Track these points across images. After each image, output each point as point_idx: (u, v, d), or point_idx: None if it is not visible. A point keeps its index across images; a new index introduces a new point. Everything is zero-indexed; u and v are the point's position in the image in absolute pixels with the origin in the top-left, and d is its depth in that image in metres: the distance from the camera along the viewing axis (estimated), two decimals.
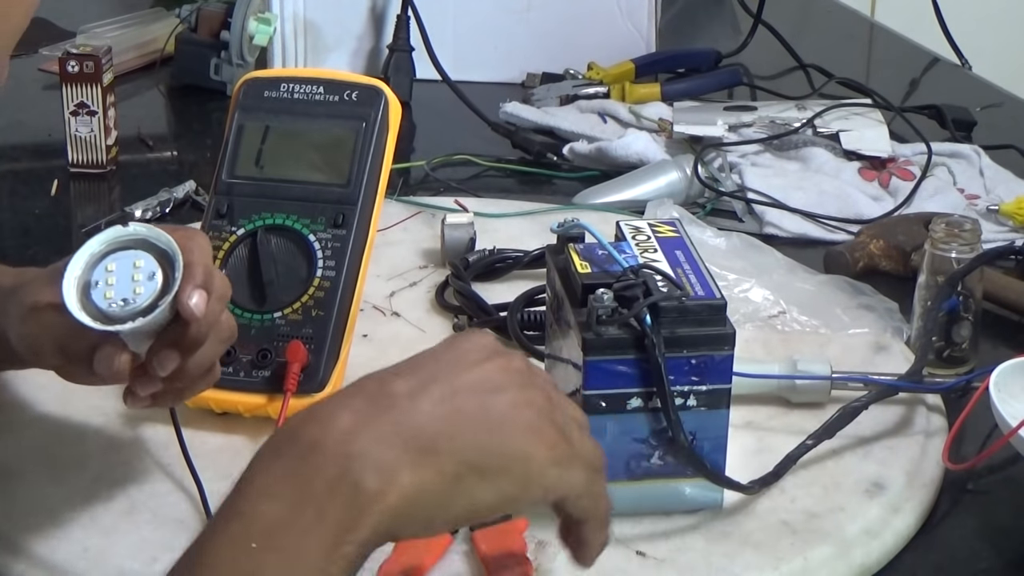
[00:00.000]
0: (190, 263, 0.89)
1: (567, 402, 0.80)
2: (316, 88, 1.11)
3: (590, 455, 0.78)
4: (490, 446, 0.74)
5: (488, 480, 0.73)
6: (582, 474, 0.77)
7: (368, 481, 0.70)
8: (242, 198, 1.10)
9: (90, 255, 0.88)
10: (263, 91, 1.12)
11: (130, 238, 0.89)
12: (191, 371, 0.92)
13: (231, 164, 1.11)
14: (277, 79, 1.12)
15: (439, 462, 0.72)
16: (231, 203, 1.10)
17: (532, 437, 0.75)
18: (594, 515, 0.78)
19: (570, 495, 0.76)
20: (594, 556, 0.80)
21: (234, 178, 1.10)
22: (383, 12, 1.81)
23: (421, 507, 0.72)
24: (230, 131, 1.11)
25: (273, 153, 1.11)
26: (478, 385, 0.75)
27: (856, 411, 1.05)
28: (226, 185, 1.10)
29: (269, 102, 1.11)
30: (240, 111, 1.12)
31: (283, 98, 1.11)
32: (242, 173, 1.10)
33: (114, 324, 0.87)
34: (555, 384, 0.80)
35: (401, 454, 0.71)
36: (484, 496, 0.74)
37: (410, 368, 0.76)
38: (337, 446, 0.71)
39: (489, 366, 0.76)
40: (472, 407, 0.74)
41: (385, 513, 0.71)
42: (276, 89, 1.12)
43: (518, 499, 0.75)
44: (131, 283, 0.87)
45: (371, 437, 0.71)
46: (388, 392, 0.74)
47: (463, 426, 0.73)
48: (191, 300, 0.88)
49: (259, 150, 1.11)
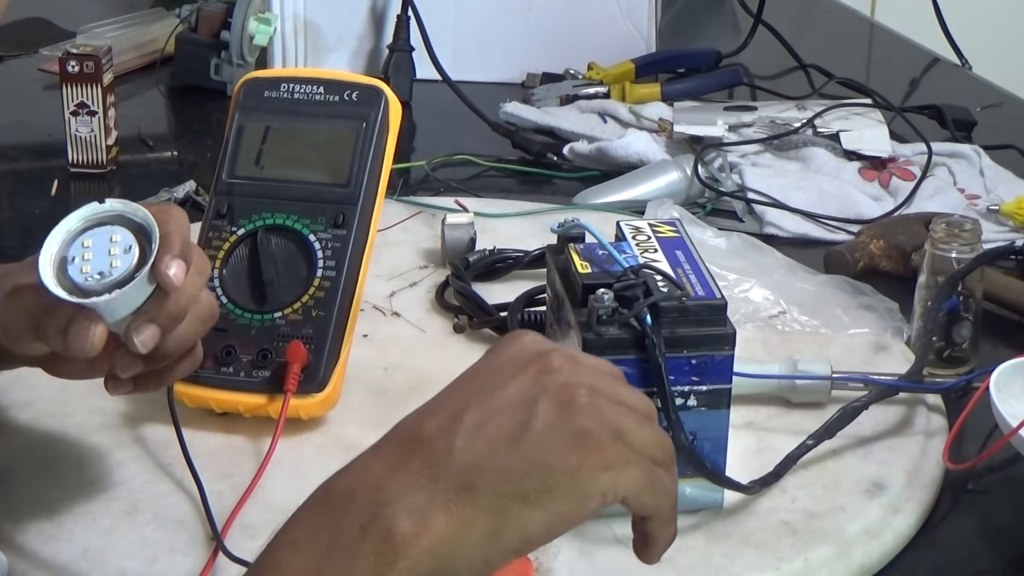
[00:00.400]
0: (167, 234, 0.87)
1: (624, 391, 0.74)
2: (316, 88, 1.11)
3: (649, 447, 0.73)
4: (528, 468, 0.69)
5: (534, 505, 0.70)
6: (638, 471, 0.72)
7: (400, 526, 0.68)
8: (242, 198, 1.10)
9: (67, 232, 0.88)
10: (263, 91, 1.12)
11: (107, 214, 0.88)
12: (171, 350, 0.91)
13: (231, 164, 1.10)
14: (277, 79, 1.12)
15: (475, 498, 0.69)
16: (231, 203, 1.09)
17: (575, 445, 0.70)
18: (658, 512, 0.74)
19: (629, 495, 0.72)
20: (659, 553, 0.76)
21: (234, 178, 1.10)
22: (383, 12, 1.81)
23: (464, 546, 0.69)
24: (230, 131, 1.11)
25: (273, 153, 1.11)
26: (512, 403, 0.71)
27: (856, 411, 1.05)
28: (226, 185, 1.10)
29: (269, 102, 1.11)
30: (240, 111, 1.12)
31: (283, 98, 1.11)
32: (242, 173, 1.10)
33: (90, 297, 0.86)
34: (610, 371, 0.75)
35: (433, 496, 0.69)
36: (534, 521, 0.70)
37: (443, 401, 0.73)
38: (368, 494, 0.70)
39: (524, 377, 0.72)
40: (506, 430, 0.70)
41: (420, 556, 0.68)
42: (276, 89, 1.11)
43: (573, 515, 0.71)
44: (107, 257, 0.87)
45: (402, 482, 0.69)
46: (419, 435, 0.71)
47: (497, 454, 0.70)
48: (169, 270, 0.86)
49: (259, 150, 1.10)
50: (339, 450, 1.04)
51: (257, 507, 0.98)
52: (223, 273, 1.08)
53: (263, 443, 1.04)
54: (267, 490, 0.99)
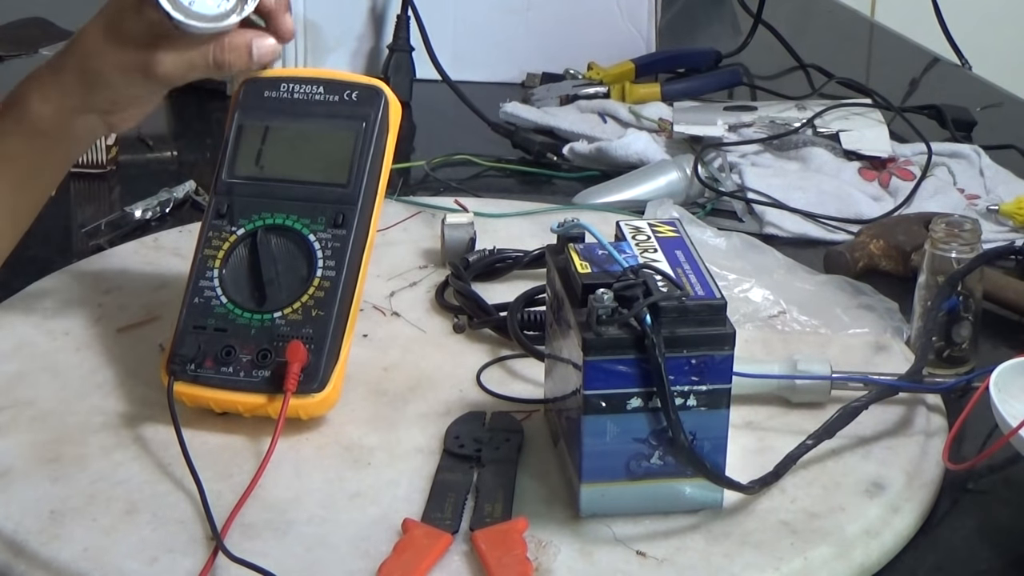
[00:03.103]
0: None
1: None
2: (316, 88, 1.11)
3: None
4: None
5: None
6: None
7: None
8: (242, 198, 1.10)
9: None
10: (263, 91, 1.12)
11: None
12: None
13: (231, 164, 1.11)
14: (277, 79, 1.12)
15: None
16: (231, 203, 1.09)
17: None
18: None
19: None
20: None
21: (234, 178, 1.10)
22: (383, 12, 1.81)
23: None
24: (230, 131, 1.11)
25: (273, 153, 1.11)
26: None
27: (856, 411, 1.05)
28: (226, 185, 1.10)
29: (269, 102, 1.11)
30: (240, 111, 1.12)
31: (283, 98, 1.11)
32: (242, 173, 1.10)
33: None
34: None
35: None
36: None
37: None
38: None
39: None
40: None
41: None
42: (276, 89, 1.11)
43: None
44: None
45: None
46: None
47: None
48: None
49: (259, 150, 1.11)
50: (339, 450, 1.04)
51: (257, 507, 0.98)
52: (223, 273, 1.08)
53: (263, 443, 1.04)
54: (267, 490, 0.99)
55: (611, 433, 0.94)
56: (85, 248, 1.37)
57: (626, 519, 0.96)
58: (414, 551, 0.92)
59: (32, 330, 1.19)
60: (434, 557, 0.93)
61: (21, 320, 1.21)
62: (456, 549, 0.94)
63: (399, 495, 0.99)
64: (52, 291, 1.25)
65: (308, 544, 0.95)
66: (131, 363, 1.15)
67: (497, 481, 1.00)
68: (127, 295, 1.25)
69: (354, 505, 0.99)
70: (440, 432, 1.05)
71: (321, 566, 0.93)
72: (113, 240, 1.38)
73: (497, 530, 0.94)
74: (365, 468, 1.03)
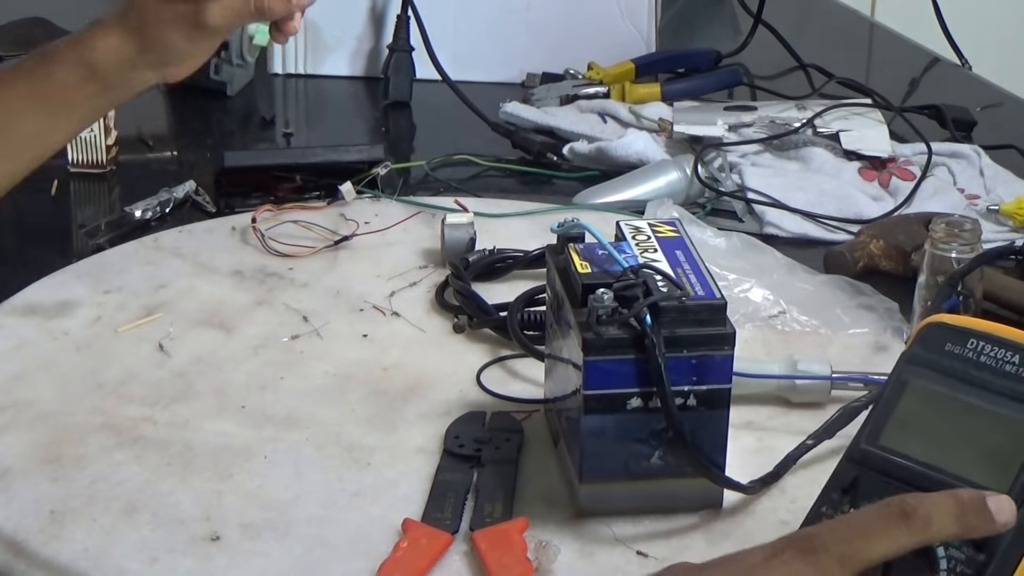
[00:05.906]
0: None
1: None
2: (1010, 355, 0.81)
3: None
4: None
5: None
6: None
7: None
8: (872, 472, 0.80)
9: None
10: (945, 342, 0.83)
11: None
12: None
13: (875, 428, 0.82)
14: (966, 332, 0.83)
15: None
16: (859, 477, 0.81)
17: None
18: None
19: None
20: None
21: (874, 447, 0.81)
22: (383, 12, 1.81)
23: None
24: (888, 384, 0.84)
25: (927, 428, 0.82)
26: None
27: (856, 411, 1.05)
28: (861, 453, 0.82)
29: (947, 358, 0.83)
30: (909, 363, 0.84)
31: (966, 357, 0.82)
32: (888, 444, 0.81)
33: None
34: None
35: None
36: None
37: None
38: None
39: None
40: None
41: None
42: (962, 344, 0.83)
43: None
44: None
45: None
46: None
47: None
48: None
49: (913, 421, 0.82)
50: (339, 450, 1.04)
51: (257, 507, 0.98)
52: None
53: (263, 443, 1.04)
54: (267, 490, 1.00)
55: (611, 433, 0.94)
56: (85, 248, 1.37)
57: (626, 519, 0.96)
58: (414, 551, 0.92)
59: (32, 330, 1.19)
60: (434, 557, 0.93)
61: (21, 320, 1.21)
62: (456, 549, 0.94)
63: (399, 495, 0.99)
64: (52, 291, 1.25)
65: (308, 544, 0.95)
66: (131, 363, 1.15)
67: (497, 481, 1.00)
68: (127, 295, 1.25)
69: (354, 505, 0.99)
70: (440, 432, 1.05)
71: (321, 566, 0.93)
72: (113, 240, 1.38)
73: (497, 530, 0.94)
74: (365, 468, 1.03)
